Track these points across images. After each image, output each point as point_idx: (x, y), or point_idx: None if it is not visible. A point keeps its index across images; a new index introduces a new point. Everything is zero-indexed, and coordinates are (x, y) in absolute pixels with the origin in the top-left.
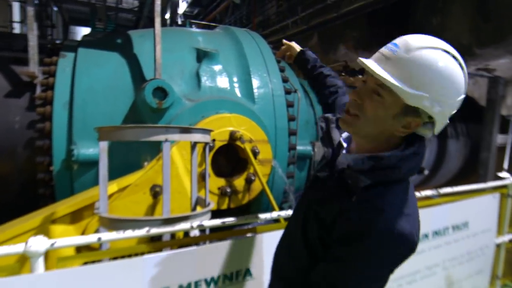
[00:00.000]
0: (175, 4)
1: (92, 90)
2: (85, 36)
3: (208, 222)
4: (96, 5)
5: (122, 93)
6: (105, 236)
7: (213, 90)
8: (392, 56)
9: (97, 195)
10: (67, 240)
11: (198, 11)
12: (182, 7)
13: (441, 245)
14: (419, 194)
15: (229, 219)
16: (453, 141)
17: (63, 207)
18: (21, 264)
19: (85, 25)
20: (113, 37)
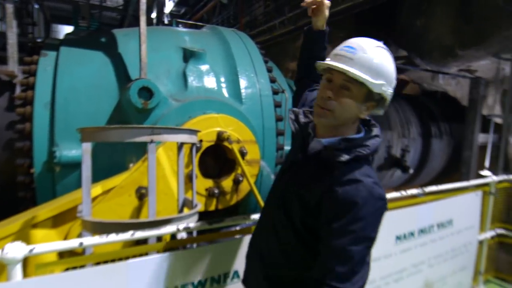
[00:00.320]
0: (161, 3)
1: (74, 89)
2: (68, 34)
3: (195, 225)
4: (79, 3)
5: (106, 92)
6: (88, 240)
7: (200, 90)
8: (353, 56)
9: (80, 198)
10: (46, 246)
11: (185, 11)
12: (169, 6)
13: (427, 243)
14: (404, 193)
15: (216, 221)
16: (437, 141)
17: (45, 210)
18: None
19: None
20: (97, 36)
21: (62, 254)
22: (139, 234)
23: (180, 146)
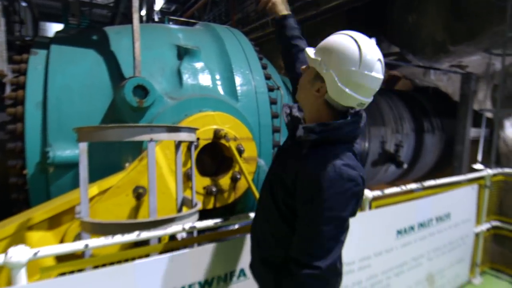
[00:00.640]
0: (151, 0)
1: (67, 88)
2: (58, 32)
3: (201, 223)
4: (69, 0)
5: (100, 91)
6: (93, 242)
7: (195, 88)
8: (323, 41)
9: (76, 199)
10: (51, 249)
11: (175, 8)
12: (159, 4)
13: (426, 237)
14: (405, 188)
15: (222, 220)
16: (429, 136)
17: (40, 212)
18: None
19: (56, 21)
20: (88, 33)
21: (59, 257)
22: (145, 235)
23: (178, 144)
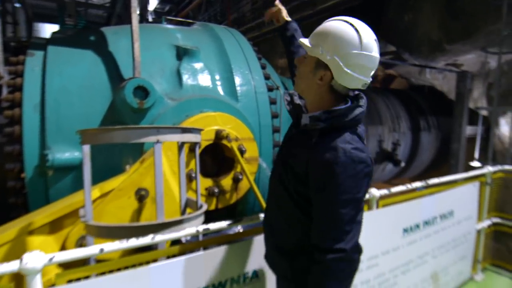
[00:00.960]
0: (145, 0)
1: (65, 90)
2: (54, 33)
3: (214, 225)
4: (65, 0)
5: (99, 93)
6: (108, 246)
7: (195, 88)
8: (317, 29)
9: (77, 202)
10: (66, 254)
11: (169, 8)
12: (153, 4)
13: (431, 234)
14: (410, 186)
15: (235, 221)
16: (426, 134)
17: (41, 216)
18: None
19: (51, 21)
20: (86, 34)
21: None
22: (160, 238)
23: (181, 145)
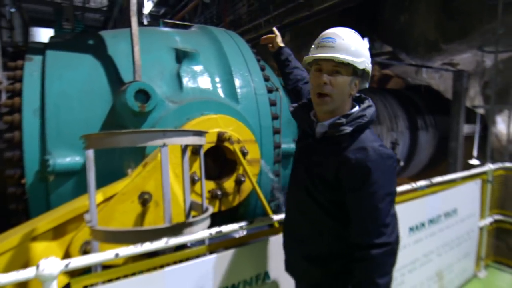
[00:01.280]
0: (140, 3)
1: (65, 94)
2: (52, 37)
3: (227, 227)
4: (62, 5)
5: (99, 97)
6: (123, 251)
7: (196, 91)
8: (335, 44)
9: (81, 207)
10: (82, 259)
11: (164, 11)
12: (148, 7)
13: (435, 233)
14: (415, 185)
15: (247, 223)
16: (423, 133)
17: (44, 222)
18: None
19: (47, 26)
20: (84, 38)
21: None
22: (174, 241)
23: (185, 148)
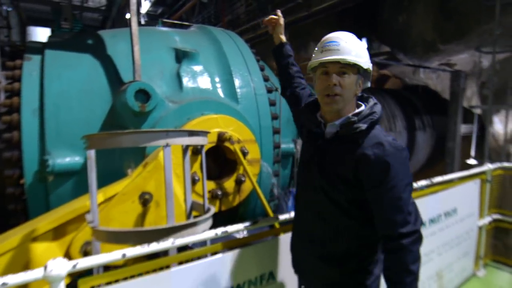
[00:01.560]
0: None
1: (64, 94)
2: (51, 37)
3: (232, 227)
4: (61, 4)
5: (98, 97)
6: (130, 251)
7: (196, 91)
8: (339, 47)
9: (81, 207)
10: (89, 260)
11: (162, 11)
12: (145, 6)
13: (436, 232)
14: (416, 185)
15: (252, 223)
16: (421, 133)
17: (44, 223)
18: None
19: (45, 25)
20: (83, 37)
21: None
22: (180, 242)
23: (186, 148)
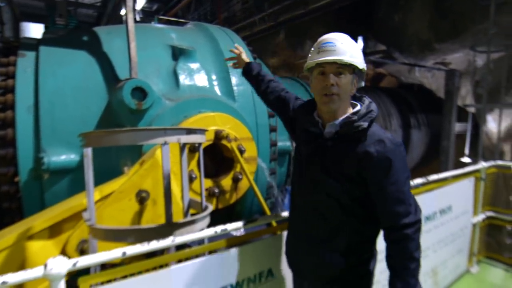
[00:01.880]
0: None
1: (60, 91)
2: (45, 33)
3: (231, 225)
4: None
5: (94, 94)
6: (130, 249)
7: (192, 88)
8: (335, 48)
9: (78, 205)
10: (89, 258)
11: (157, 7)
12: (140, 3)
13: (431, 230)
14: (412, 183)
15: (250, 221)
16: (416, 131)
17: (40, 221)
18: None
19: (39, 21)
20: (78, 34)
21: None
22: (180, 239)
23: (183, 146)
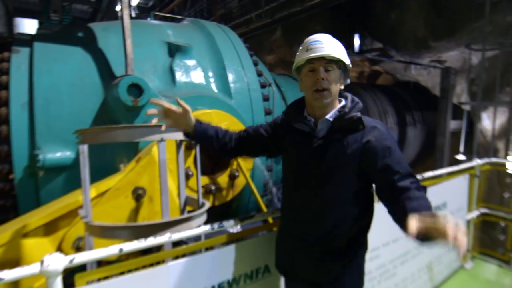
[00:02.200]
0: None
1: (55, 88)
2: (40, 29)
3: (227, 222)
4: None
5: (90, 91)
6: (127, 246)
7: (189, 85)
8: (323, 45)
9: (74, 203)
10: (86, 255)
11: (153, 4)
12: None
13: None
14: None
15: (247, 217)
16: (412, 129)
17: (36, 218)
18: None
19: (33, 17)
20: (73, 30)
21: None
22: (177, 236)
23: (180, 143)
